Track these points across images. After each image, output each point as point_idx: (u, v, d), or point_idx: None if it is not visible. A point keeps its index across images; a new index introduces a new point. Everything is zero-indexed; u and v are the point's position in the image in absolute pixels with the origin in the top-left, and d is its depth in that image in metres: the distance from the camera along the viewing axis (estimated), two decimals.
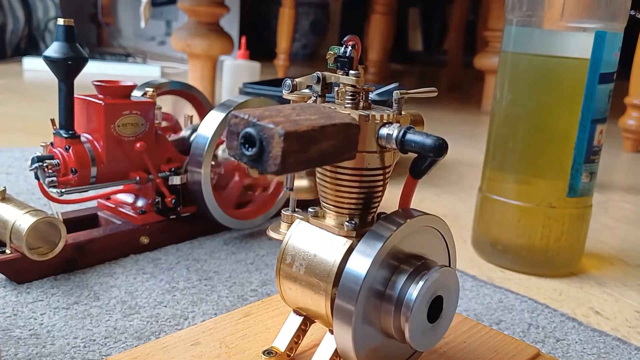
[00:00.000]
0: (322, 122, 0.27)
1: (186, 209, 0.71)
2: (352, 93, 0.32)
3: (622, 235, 0.87)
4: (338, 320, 0.29)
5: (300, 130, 0.25)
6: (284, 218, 0.36)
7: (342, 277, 0.29)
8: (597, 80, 0.62)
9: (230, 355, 0.35)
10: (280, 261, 0.33)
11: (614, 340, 0.54)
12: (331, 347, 0.32)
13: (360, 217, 0.32)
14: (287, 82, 0.34)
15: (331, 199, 0.32)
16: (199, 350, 0.35)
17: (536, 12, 0.63)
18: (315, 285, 0.31)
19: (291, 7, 2.26)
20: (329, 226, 0.32)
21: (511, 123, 0.67)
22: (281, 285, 0.33)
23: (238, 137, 0.26)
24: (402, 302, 0.29)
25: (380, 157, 0.32)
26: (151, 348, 0.35)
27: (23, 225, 0.55)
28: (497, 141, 0.69)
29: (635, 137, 1.52)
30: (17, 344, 0.46)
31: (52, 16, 2.61)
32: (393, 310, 0.30)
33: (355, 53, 0.32)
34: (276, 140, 0.25)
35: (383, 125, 0.31)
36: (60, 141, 0.62)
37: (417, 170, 0.31)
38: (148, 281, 0.59)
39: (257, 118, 0.26)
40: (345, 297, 0.29)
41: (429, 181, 1.06)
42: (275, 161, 0.25)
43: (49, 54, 0.59)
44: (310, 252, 0.32)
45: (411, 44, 4.43)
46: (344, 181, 0.32)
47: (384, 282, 0.30)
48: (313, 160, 0.27)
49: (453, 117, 1.90)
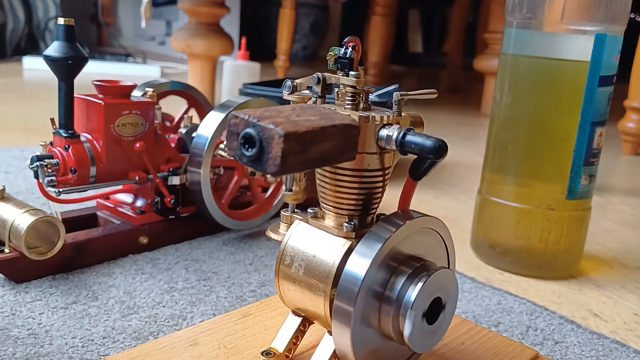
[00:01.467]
0: (322, 123, 0.27)
1: (185, 209, 0.71)
2: (352, 94, 0.32)
3: (621, 238, 0.87)
4: (337, 322, 0.29)
5: (300, 131, 0.25)
6: (283, 219, 0.36)
7: (341, 278, 0.29)
8: (597, 83, 0.62)
9: (229, 355, 0.35)
10: (279, 262, 0.33)
11: (612, 343, 0.54)
12: (330, 348, 0.32)
13: (359, 218, 0.32)
14: (287, 83, 0.34)
15: (330, 200, 0.32)
16: (197, 351, 0.35)
17: (536, 14, 0.63)
18: (314, 286, 0.31)
19: (291, 8, 2.26)
20: (329, 227, 0.32)
21: (511, 125, 0.67)
22: (280, 286, 0.33)
23: (238, 137, 0.26)
24: (400, 303, 0.29)
25: (380, 158, 0.32)
26: (149, 348, 0.35)
27: (22, 224, 0.55)
28: (497, 143, 0.69)
29: (634, 139, 1.52)
30: (15, 344, 0.46)
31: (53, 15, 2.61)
32: (392, 312, 0.30)
33: (355, 54, 0.32)
34: (276, 140, 0.25)
35: (383, 126, 0.31)
36: (60, 140, 0.62)
37: (416, 171, 0.32)
38: (147, 281, 0.59)
39: (257, 119, 0.26)
40: (344, 298, 0.29)
41: (428, 183, 1.06)
42: (275, 162, 0.25)
43: (49, 53, 0.59)
44: (309, 253, 0.32)
45: (411, 46, 4.43)
46: (343, 182, 0.32)
47: (383, 283, 0.30)
48: (313, 161, 0.27)
49: (453, 119, 1.90)
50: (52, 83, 0.61)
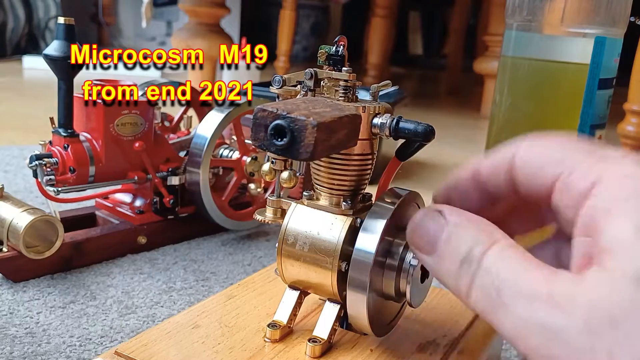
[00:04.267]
0: (337, 114, 0.30)
1: (184, 209, 0.71)
2: (344, 88, 0.35)
3: None
4: (353, 290, 0.34)
5: (326, 121, 0.29)
6: (269, 203, 0.38)
7: (354, 253, 0.33)
8: (597, 86, 0.62)
9: (234, 332, 0.37)
10: (282, 242, 0.36)
11: None
12: (333, 314, 0.36)
13: (351, 198, 0.36)
14: (276, 78, 0.36)
15: (327, 183, 0.36)
16: (202, 332, 0.37)
17: (536, 17, 0.63)
18: (321, 260, 0.35)
19: (292, 9, 2.26)
20: (327, 206, 0.36)
21: (510, 127, 0.67)
22: (282, 263, 0.37)
23: (266, 129, 0.29)
24: (401, 268, 0.34)
25: (371, 144, 0.36)
26: (156, 334, 0.36)
27: (20, 223, 0.55)
28: (496, 145, 0.69)
29: (634, 143, 1.52)
30: (12, 343, 0.46)
31: (53, 15, 2.61)
32: (395, 276, 0.34)
33: (345, 52, 0.36)
34: (309, 130, 0.28)
35: (375, 115, 0.35)
36: (59, 140, 0.62)
37: (404, 153, 0.36)
38: (145, 281, 0.59)
39: (286, 111, 0.29)
40: (359, 271, 0.33)
41: (427, 185, 1.06)
42: (308, 149, 0.28)
43: (49, 52, 0.59)
44: (312, 231, 0.35)
45: (411, 48, 4.44)
46: (340, 166, 0.35)
47: (384, 253, 0.34)
48: (333, 147, 0.30)
49: (452, 120, 1.90)
50: (51, 82, 0.61)
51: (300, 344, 0.36)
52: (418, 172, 1.15)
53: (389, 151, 0.92)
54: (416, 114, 1.92)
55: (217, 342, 0.36)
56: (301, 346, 0.36)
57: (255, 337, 0.36)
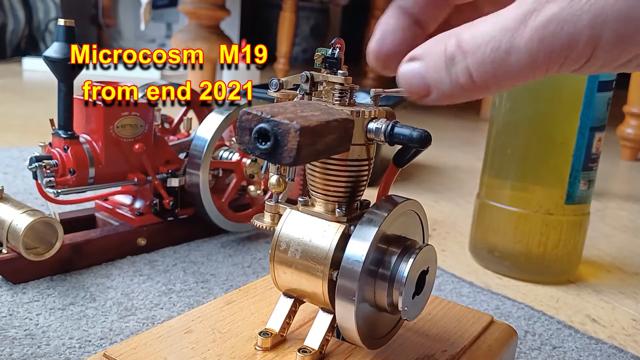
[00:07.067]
0: (326, 118, 0.29)
1: (184, 211, 0.71)
2: (340, 91, 0.34)
3: (619, 243, 0.87)
4: (341, 299, 0.32)
5: (311, 125, 0.28)
6: (267, 208, 0.38)
7: (343, 260, 0.32)
8: (596, 88, 0.62)
9: (225, 339, 0.36)
10: (274, 248, 0.35)
11: (610, 349, 0.54)
12: (325, 323, 0.35)
13: (347, 204, 0.35)
14: (273, 81, 0.36)
15: (321, 189, 0.35)
16: (194, 337, 0.36)
17: None
18: (312, 267, 0.34)
19: (292, 12, 2.26)
20: (321, 213, 0.35)
21: (510, 130, 0.67)
22: (275, 270, 0.36)
23: (251, 132, 0.28)
24: (394, 278, 0.33)
25: (367, 149, 0.35)
26: (147, 338, 0.36)
27: (20, 225, 0.55)
28: (496, 148, 0.69)
29: (633, 145, 1.52)
30: (12, 344, 0.46)
31: (53, 17, 2.61)
32: (387, 287, 0.33)
33: (342, 54, 0.35)
34: (292, 134, 0.27)
35: (370, 120, 0.34)
36: (59, 141, 0.62)
37: (401, 159, 0.35)
38: (144, 283, 0.59)
39: (270, 114, 0.28)
40: (347, 279, 0.32)
41: (427, 187, 1.06)
42: (291, 154, 0.27)
43: (49, 54, 0.59)
44: (305, 238, 0.35)
45: None
46: (334, 172, 0.34)
47: (377, 262, 0.33)
48: (319, 152, 0.29)
49: (452, 123, 1.91)
50: (51, 84, 0.61)
51: (292, 353, 0.35)
52: (418, 174, 1.15)
53: (390, 154, 0.92)
54: (416, 117, 1.92)
55: (206, 348, 0.35)
56: (292, 355, 0.35)
57: (247, 344, 0.36)
